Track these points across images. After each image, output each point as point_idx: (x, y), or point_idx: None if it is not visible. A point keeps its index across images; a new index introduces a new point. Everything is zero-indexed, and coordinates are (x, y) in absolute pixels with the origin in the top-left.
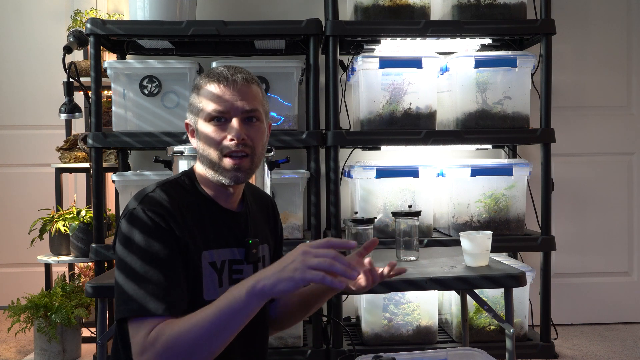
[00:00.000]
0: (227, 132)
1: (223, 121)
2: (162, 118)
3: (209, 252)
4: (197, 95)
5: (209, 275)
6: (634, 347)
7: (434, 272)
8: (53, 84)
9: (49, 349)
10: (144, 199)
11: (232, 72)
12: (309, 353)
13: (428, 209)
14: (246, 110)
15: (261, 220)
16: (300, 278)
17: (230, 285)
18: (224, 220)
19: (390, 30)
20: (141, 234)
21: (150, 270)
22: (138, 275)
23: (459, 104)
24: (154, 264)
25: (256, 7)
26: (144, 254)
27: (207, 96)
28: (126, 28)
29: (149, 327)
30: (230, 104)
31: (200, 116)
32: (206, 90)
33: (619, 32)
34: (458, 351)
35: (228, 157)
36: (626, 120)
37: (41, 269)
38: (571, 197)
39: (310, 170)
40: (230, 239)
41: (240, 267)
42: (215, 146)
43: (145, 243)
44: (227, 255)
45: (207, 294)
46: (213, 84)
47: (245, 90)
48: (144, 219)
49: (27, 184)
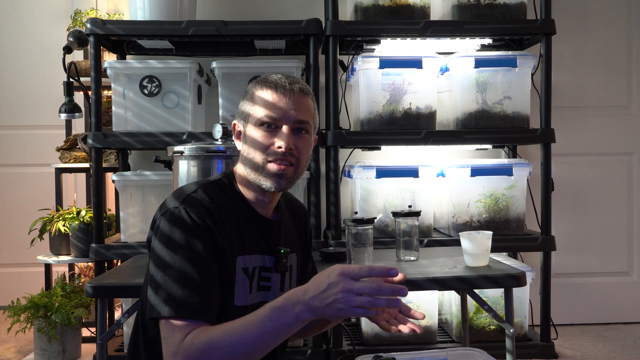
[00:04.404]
0: (276, 138)
1: (273, 128)
2: (162, 118)
3: (243, 257)
4: (250, 100)
5: (241, 280)
6: (634, 347)
7: (434, 272)
8: (53, 84)
9: (49, 349)
10: (186, 199)
11: (290, 81)
12: (309, 353)
13: (428, 209)
14: (298, 121)
15: (293, 229)
16: (346, 316)
17: (259, 292)
18: (258, 227)
19: (390, 30)
20: (183, 233)
21: (190, 272)
22: (178, 276)
23: (459, 104)
24: (195, 266)
25: (256, 7)
26: (185, 255)
27: (261, 102)
28: (126, 28)
29: (184, 330)
30: (283, 112)
31: (250, 120)
32: (260, 96)
33: (619, 32)
34: (458, 351)
35: (273, 162)
36: (626, 120)
37: (41, 269)
38: (571, 197)
39: (310, 170)
40: (262, 245)
41: (269, 274)
42: (263, 150)
43: (187, 243)
44: (258, 262)
45: (238, 299)
46: (269, 90)
47: (300, 101)
48: (186, 219)
49: (27, 184)
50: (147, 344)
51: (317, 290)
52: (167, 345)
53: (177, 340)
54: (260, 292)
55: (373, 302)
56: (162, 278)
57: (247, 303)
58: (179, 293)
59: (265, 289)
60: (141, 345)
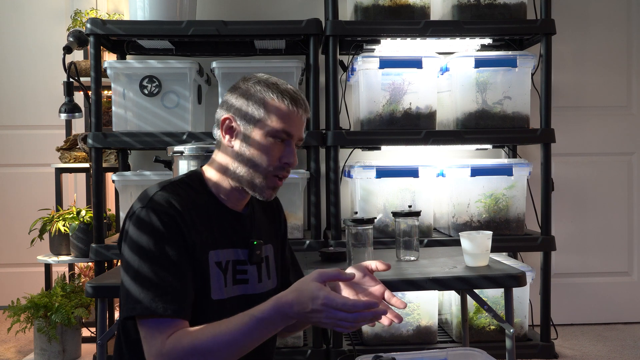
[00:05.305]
0: (283, 153)
1: (281, 141)
2: (162, 118)
3: (215, 252)
4: (260, 104)
5: (215, 275)
6: (634, 347)
7: (434, 272)
8: (53, 84)
9: (49, 349)
10: (151, 200)
11: (302, 96)
12: (309, 353)
13: (428, 209)
14: (301, 139)
15: (266, 220)
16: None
17: (236, 285)
18: (229, 221)
19: (390, 30)
20: (149, 236)
21: (159, 272)
22: (145, 277)
23: (459, 104)
24: (163, 266)
25: (256, 7)
26: (152, 256)
27: (276, 112)
28: (126, 28)
29: (166, 331)
30: (296, 129)
31: (260, 126)
32: (275, 105)
33: (619, 32)
34: (458, 351)
35: (275, 176)
36: (626, 120)
37: (41, 269)
38: (571, 197)
39: (310, 170)
40: (235, 239)
41: (244, 267)
42: (270, 162)
43: (154, 246)
44: (231, 255)
45: (215, 293)
46: (284, 101)
47: (305, 118)
48: (153, 221)
49: (27, 184)
50: (129, 345)
51: (301, 309)
52: (148, 345)
53: (158, 341)
54: (238, 285)
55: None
56: (130, 281)
57: (224, 297)
58: (147, 293)
59: (243, 282)
60: (123, 344)
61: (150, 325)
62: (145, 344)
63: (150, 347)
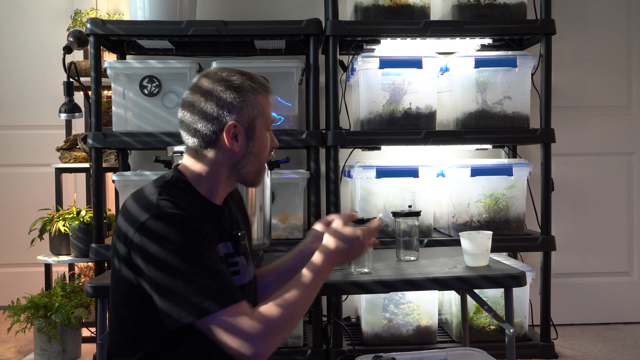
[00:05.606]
0: (271, 138)
1: None
2: (162, 118)
3: (217, 246)
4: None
5: None
6: (634, 347)
7: (434, 272)
8: (53, 84)
9: (49, 349)
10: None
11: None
12: (309, 353)
13: (428, 209)
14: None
15: (237, 210)
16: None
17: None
18: (216, 217)
19: (390, 30)
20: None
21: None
22: (199, 276)
23: (459, 104)
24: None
25: (256, 7)
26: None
27: (266, 105)
28: (126, 28)
29: (248, 312)
30: None
31: (262, 121)
32: (264, 97)
33: (619, 32)
34: (458, 351)
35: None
36: (626, 120)
37: (41, 269)
38: (571, 197)
39: (310, 170)
40: (222, 233)
41: (235, 259)
42: (269, 152)
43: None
44: (223, 249)
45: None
46: (270, 95)
47: None
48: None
49: (27, 184)
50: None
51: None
52: (233, 335)
53: (248, 323)
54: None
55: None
56: (190, 282)
57: None
58: (217, 286)
59: (236, 274)
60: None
61: (230, 314)
62: (232, 334)
63: (242, 333)
